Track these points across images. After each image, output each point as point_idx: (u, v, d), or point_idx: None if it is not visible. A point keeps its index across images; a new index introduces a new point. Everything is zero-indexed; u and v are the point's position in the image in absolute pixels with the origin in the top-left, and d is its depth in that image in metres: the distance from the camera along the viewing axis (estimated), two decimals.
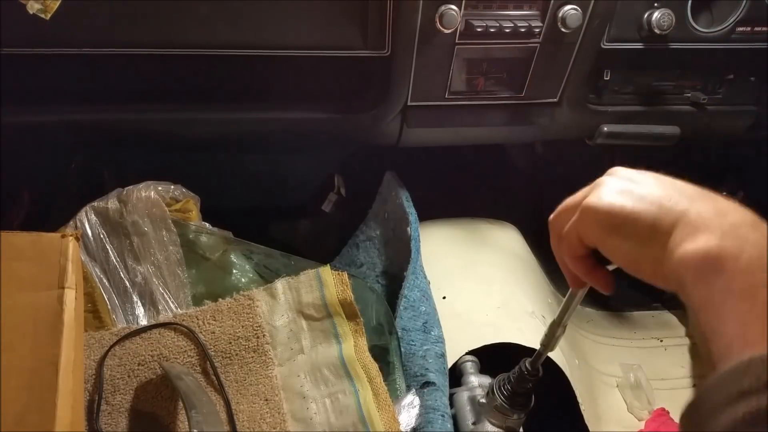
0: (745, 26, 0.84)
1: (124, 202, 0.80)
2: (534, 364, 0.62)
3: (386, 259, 0.99)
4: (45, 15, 0.66)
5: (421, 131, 0.90)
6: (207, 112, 0.84)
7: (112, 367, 0.71)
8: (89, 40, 0.72)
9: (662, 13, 0.79)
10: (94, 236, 0.78)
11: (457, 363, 0.80)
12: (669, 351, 1.09)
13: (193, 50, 0.75)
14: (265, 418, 0.70)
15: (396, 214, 0.96)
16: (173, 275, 0.79)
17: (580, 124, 0.92)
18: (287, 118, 0.85)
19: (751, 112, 0.95)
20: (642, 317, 1.17)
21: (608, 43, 0.82)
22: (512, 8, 0.77)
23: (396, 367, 0.76)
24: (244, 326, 0.75)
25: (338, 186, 1.20)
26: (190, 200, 0.85)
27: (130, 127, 0.85)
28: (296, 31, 0.75)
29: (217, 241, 0.83)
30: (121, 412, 0.69)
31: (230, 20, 0.73)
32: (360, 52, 0.78)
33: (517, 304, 0.89)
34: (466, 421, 0.72)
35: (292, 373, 0.74)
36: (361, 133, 0.92)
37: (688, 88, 0.91)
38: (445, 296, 0.89)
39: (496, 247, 1.01)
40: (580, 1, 0.76)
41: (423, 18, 0.74)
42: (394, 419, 0.69)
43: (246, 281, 0.82)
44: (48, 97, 0.79)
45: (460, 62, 0.81)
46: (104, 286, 0.77)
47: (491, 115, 0.89)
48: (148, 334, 0.74)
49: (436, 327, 0.79)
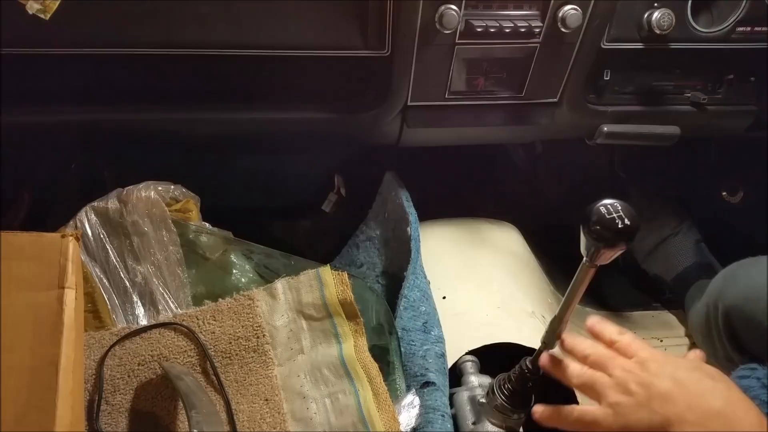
0: (745, 26, 0.84)
1: (124, 202, 0.80)
2: (534, 362, 0.62)
3: (386, 259, 0.99)
4: (45, 15, 0.66)
5: (421, 131, 0.90)
6: (207, 112, 0.84)
7: (112, 367, 0.71)
8: (89, 40, 0.72)
9: (662, 13, 0.79)
10: (94, 236, 0.78)
11: (457, 363, 0.80)
12: (669, 351, 1.09)
13: (194, 50, 0.75)
14: (265, 418, 0.70)
15: (396, 214, 0.96)
16: (173, 275, 0.79)
17: (580, 124, 0.92)
18: (287, 118, 0.85)
19: (751, 112, 0.95)
20: (642, 317, 1.16)
21: (608, 43, 0.82)
22: (512, 8, 0.77)
23: (396, 367, 0.76)
24: (244, 326, 0.75)
25: (338, 186, 1.20)
26: (190, 200, 0.85)
27: (130, 127, 0.85)
28: (296, 31, 0.75)
29: (217, 241, 0.83)
30: (121, 412, 0.69)
31: (230, 20, 0.72)
32: (360, 52, 0.78)
33: (517, 304, 0.89)
34: (466, 421, 0.72)
35: (292, 373, 0.74)
36: (361, 133, 0.92)
37: (688, 88, 0.91)
38: (445, 296, 0.89)
39: (496, 247, 1.01)
40: (580, 1, 0.76)
41: (423, 18, 0.74)
42: (394, 419, 0.69)
43: (246, 281, 0.82)
44: (48, 97, 0.78)
45: (460, 62, 0.81)
46: (104, 286, 0.77)
47: (491, 115, 0.89)
48: (148, 334, 0.74)
49: (436, 327, 0.79)
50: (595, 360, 0.56)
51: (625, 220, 0.49)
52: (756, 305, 0.77)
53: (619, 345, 0.56)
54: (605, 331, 0.58)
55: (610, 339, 0.57)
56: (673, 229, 1.15)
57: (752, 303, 0.78)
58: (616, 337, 0.57)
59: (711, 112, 0.93)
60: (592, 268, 0.53)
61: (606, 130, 0.90)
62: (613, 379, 0.53)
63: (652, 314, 1.17)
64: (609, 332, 0.58)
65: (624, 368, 0.53)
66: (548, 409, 0.60)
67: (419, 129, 0.89)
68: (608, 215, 0.49)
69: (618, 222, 0.49)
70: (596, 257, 0.51)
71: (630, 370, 0.53)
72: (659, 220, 1.16)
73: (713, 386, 0.50)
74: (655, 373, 0.51)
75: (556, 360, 0.59)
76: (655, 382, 0.51)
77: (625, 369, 0.53)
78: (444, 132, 0.92)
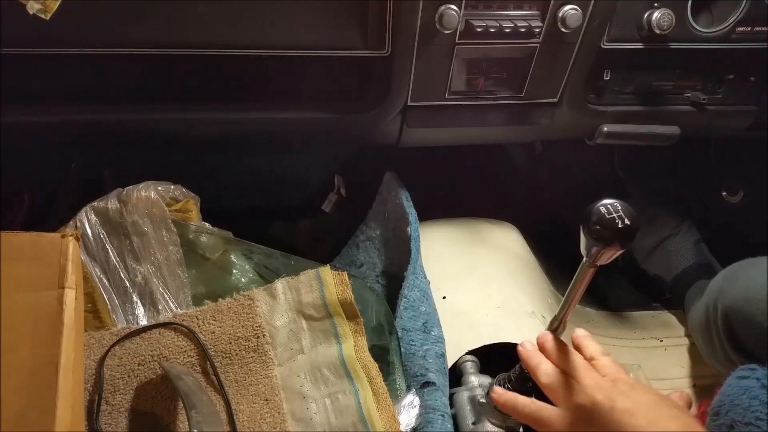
0: (745, 26, 0.84)
1: (124, 202, 0.80)
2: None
3: (386, 259, 0.99)
4: (45, 15, 0.66)
5: (421, 131, 0.90)
6: (207, 112, 0.84)
7: (112, 367, 0.71)
8: (89, 40, 0.72)
9: (662, 13, 0.79)
10: (94, 236, 0.78)
11: (457, 363, 0.80)
12: (669, 351, 1.09)
13: (194, 50, 0.75)
14: (265, 418, 0.70)
15: (396, 214, 0.96)
16: (173, 275, 0.79)
17: (580, 124, 0.92)
18: (287, 118, 0.85)
19: (751, 112, 0.95)
20: (642, 317, 1.16)
21: (608, 43, 0.82)
22: (512, 8, 0.77)
23: (396, 367, 0.76)
24: (244, 326, 0.75)
25: (338, 186, 1.20)
26: (190, 200, 0.85)
27: (130, 127, 0.85)
28: (296, 31, 0.75)
29: (217, 241, 0.83)
30: (121, 412, 0.69)
31: (230, 20, 0.72)
32: (360, 52, 0.78)
33: (517, 304, 0.89)
34: (466, 421, 0.72)
35: (292, 373, 0.74)
36: (361, 133, 0.92)
37: (688, 88, 0.91)
38: (445, 296, 0.89)
39: (496, 247, 1.01)
40: (580, 1, 0.76)
41: (423, 18, 0.74)
42: (394, 419, 0.69)
43: (246, 281, 0.82)
44: (48, 97, 0.78)
45: (460, 62, 0.81)
46: (104, 286, 0.77)
47: (491, 115, 0.89)
48: (148, 334, 0.74)
49: (436, 327, 0.79)
50: (569, 366, 0.56)
51: (625, 220, 0.49)
52: (756, 305, 0.77)
53: (597, 363, 0.57)
54: (588, 347, 0.59)
55: (590, 355, 0.58)
56: (673, 229, 1.15)
57: (752, 303, 0.78)
58: (597, 356, 0.57)
59: (711, 112, 0.93)
60: (592, 268, 0.53)
61: (606, 130, 0.90)
62: (581, 387, 0.54)
63: (652, 314, 1.17)
64: (592, 349, 0.58)
65: (594, 380, 0.54)
66: (506, 395, 0.61)
67: (419, 129, 0.89)
68: (608, 215, 0.49)
69: (618, 222, 0.49)
70: (596, 257, 0.51)
71: (599, 384, 0.53)
72: (659, 220, 1.17)
73: (678, 414, 0.50)
74: (623, 392, 0.52)
75: (531, 353, 0.60)
76: (620, 398, 0.51)
77: (596, 381, 0.54)
78: (444, 132, 0.92)
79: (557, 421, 0.54)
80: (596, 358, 0.57)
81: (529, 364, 0.60)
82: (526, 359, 0.60)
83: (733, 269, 0.87)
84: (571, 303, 0.57)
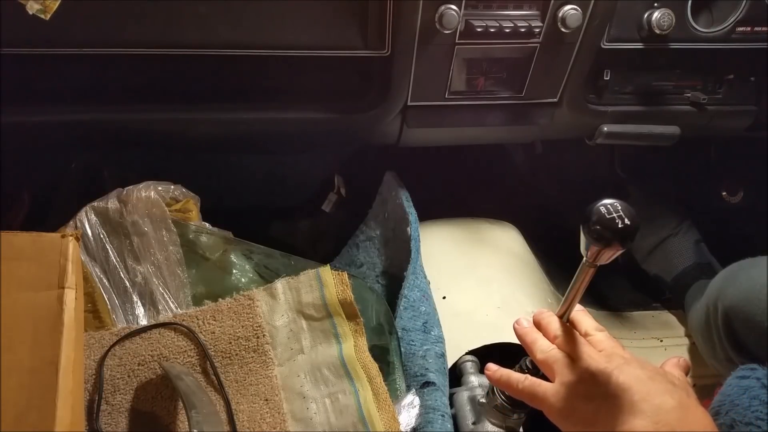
0: (745, 26, 0.84)
1: (124, 202, 0.80)
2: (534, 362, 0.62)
3: (386, 259, 0.99)
4: (45, 15, 0.66)
5: (421, 131, 0.90)
6: (207, 112, 0.84)
7: (112, 367, 0.71)
8: (89, 40, 0.72)
9: (662, 13, 0.79)
10: (94, 236, 0.78)
11: (457, 363, 0.80)
12: (669, 351, 1.09)
13: (193, 50, 0.75)
14: (265, 418, 0.70)
15: (396, 214, 0.96)
16: (173, 275, 0.79)
17: (580, 124, 0.92)
18: (287, 118, 0.85)
19: (751, 112, 0.95)
20: (642, 317, 1.16)
21: (608, 43, 0.82)
22: (512, 8, 0.77)
23: (396, 367, 0.76)
24: (244, 326, 0.75)
25: (338, 186, 1.20)
26: (190, 200, 0.85)
27: (130, 127, 0.85)
28: (296, 31, 0.75)
29: (217, 241, 0.83)
30: (121, 412, 0.69)
31: (230, 20, 0.73)
32: (360, 52, 0.78)
33: (517, 304, 0.89)
34: (466, 421, 0.72)
35: (292, 373, 0.74)
36: (361, 133, 0.92)
37: (688, 88, 0.91)
38: (445, 296, 0.89)
39: (496, 247, 1.01)
40: (580, 1, 0.76)
41: (423, 18, 0.74)
42: (394, 419, 0.69)
43: (246, 281, 0.82)
44: (48, 97, 0.78)
45: (460, 62, 0.81)
46: (104, 286, 0.77)
47: (491, 115, 0.89)
48: (148, 334, 0.74)
49: (436, 327, 0.79)
50: (564, 342, 0.56)
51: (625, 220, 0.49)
52: (756, 305, 0.77)
53: (593, 338, 0.56)
54: (583, 323, 0.58)
55: (585, 331, 0.57)
56: (672, 229, 1.15)
57: (752, 303, 0.78)
58: (592, 331, 0.57)
59: (711, 112, 0.93)
60: (592, 268, 0.53)
61: (606, 130, 0.90)
62: (577, 362, 0.53)
63: (652, 314, 1.17)
64: (587, 325, 0.58)
65: (590, 355, 0.54)
66: (500, 371, 0.61)
67: (419, 129, 0.89)
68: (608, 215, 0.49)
69: (618, 222, 0.49)
70: (596, 257, 0.51)
71: (595, 359, 0.53)
72: (659, 220, 1.17)
73: (672, 388, 0.50)
74: (618, 366, 0.52)
75: (527, 329, 0.60)
76: (615, 373, 0.51)
77: (591, 356, 0.53)
78: (444, 132, 0.92)
79: (553, 396, 0.54)
80: (591, 334, 0.57)
81: (525, 340, 0.59)
82: (521, 336, 0.60)
83: (733, 269, 0.87)
84: (571, 303, 0.57)
